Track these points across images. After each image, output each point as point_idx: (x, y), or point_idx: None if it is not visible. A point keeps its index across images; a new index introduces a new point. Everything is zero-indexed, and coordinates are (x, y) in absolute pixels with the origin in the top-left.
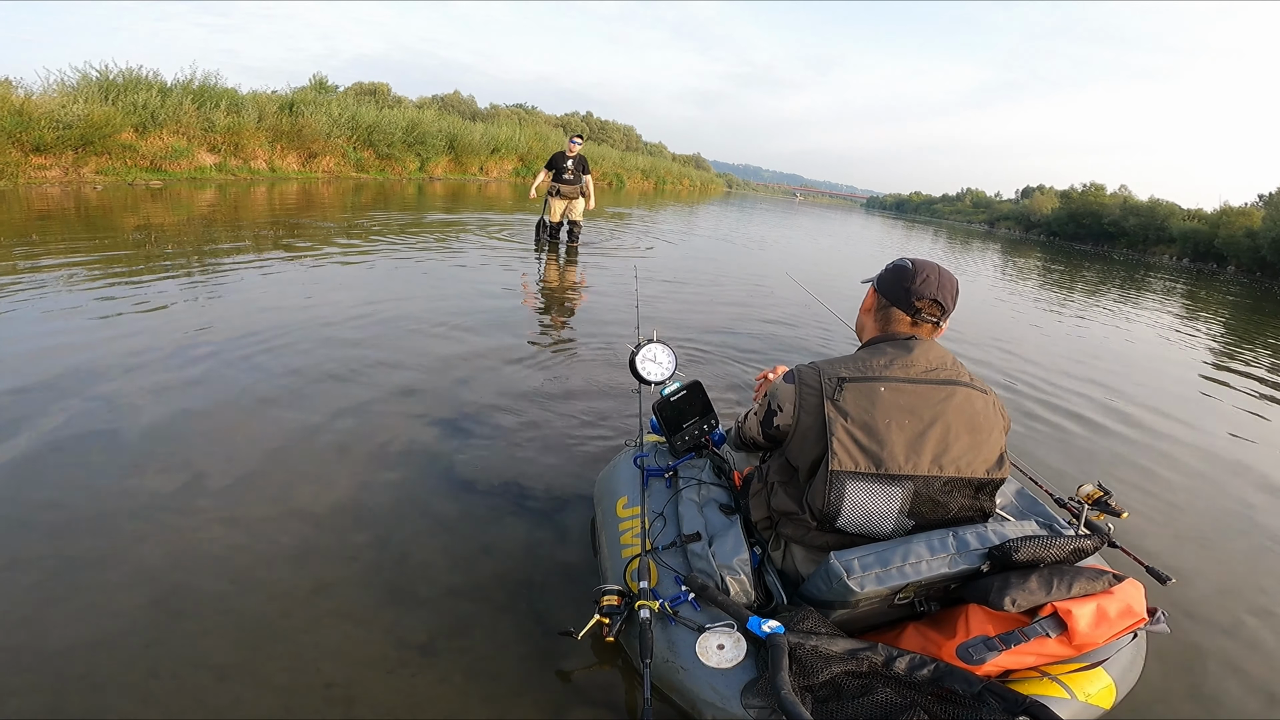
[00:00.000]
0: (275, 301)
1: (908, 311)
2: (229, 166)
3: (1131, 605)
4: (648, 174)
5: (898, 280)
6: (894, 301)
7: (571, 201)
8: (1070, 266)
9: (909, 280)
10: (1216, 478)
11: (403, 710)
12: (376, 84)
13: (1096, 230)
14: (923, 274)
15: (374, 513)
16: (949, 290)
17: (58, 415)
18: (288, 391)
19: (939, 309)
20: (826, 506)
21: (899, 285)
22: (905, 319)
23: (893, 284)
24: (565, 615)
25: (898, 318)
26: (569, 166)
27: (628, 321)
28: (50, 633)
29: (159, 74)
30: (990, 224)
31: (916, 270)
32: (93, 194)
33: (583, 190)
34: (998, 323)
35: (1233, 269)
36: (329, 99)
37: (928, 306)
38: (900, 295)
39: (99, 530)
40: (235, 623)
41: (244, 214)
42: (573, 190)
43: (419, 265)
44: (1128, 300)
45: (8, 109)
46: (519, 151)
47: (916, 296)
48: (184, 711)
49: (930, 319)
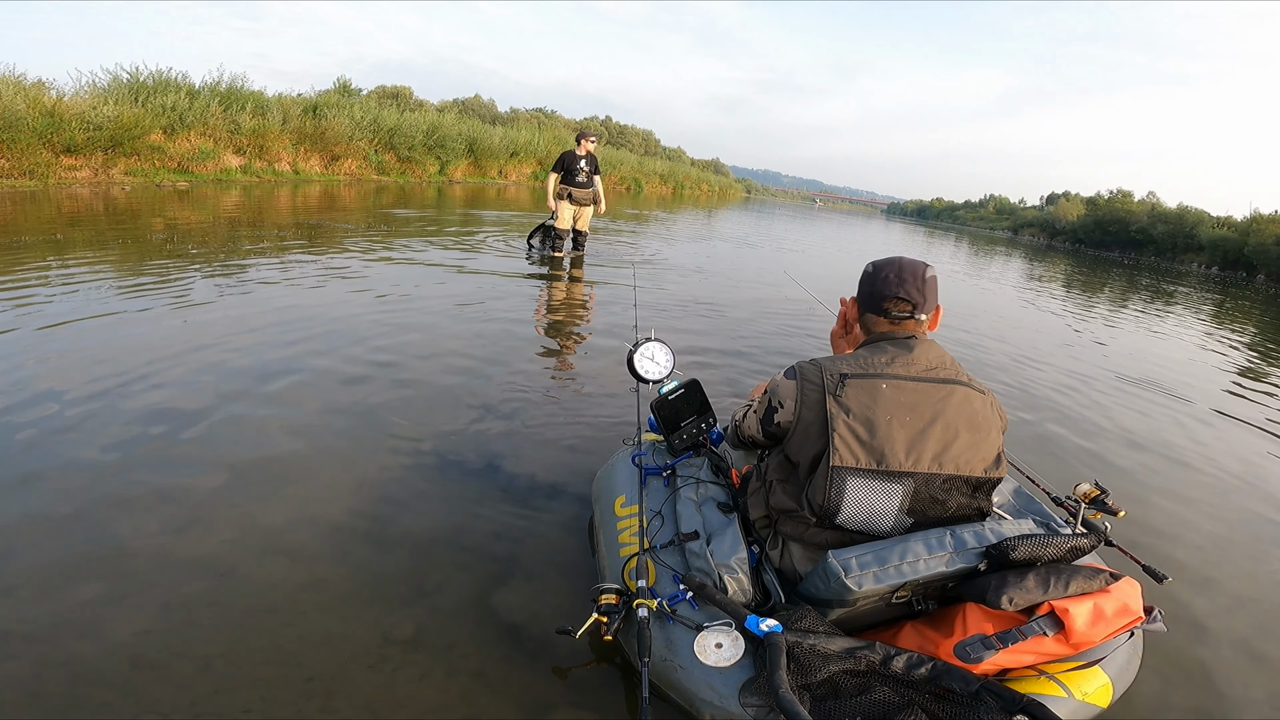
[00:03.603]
0: (278, 300)
1: (880, 314)
2: (254, 168)
3: (1128, 604)
4: (666, 179)
5: (866, 286)
6: (867, 308)
7: (583, 208)
8: (1094, 274)
9: (870, 284)
10: (1216, 477)
11: (382, 706)
12: (398, 87)
13: (1123, 238)
14: (882, 274)
15: (365, 509)
16: (912, 283)
17: (46, 415)
18: (282, 388)
19: (906, 304)
20: (827, 503)
21: (864, 291)
22: (883, 321)
23: (863, 290)
24: (563, 614)
25: (876, 322)
26: (582, 167)
27: (626, 320)
28: (31, 622)
29: (187, 76)
30: (1014, 231)
31: (877, 271)
32: (121, 195)
33: (595, 196)
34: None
35: (1263, 278)
36: (352, 102)
37: (895, 304)
38: (867, 300)
39: (84, 522)
40: (219, 615)
41: (268, 215)
42: (586, 195)
43: (426, 267)
44: (1151, 309)
45: (39, 110)
46: (538, 155)
47: (882, 298)
48: (163, 701)
49: (903, 315)
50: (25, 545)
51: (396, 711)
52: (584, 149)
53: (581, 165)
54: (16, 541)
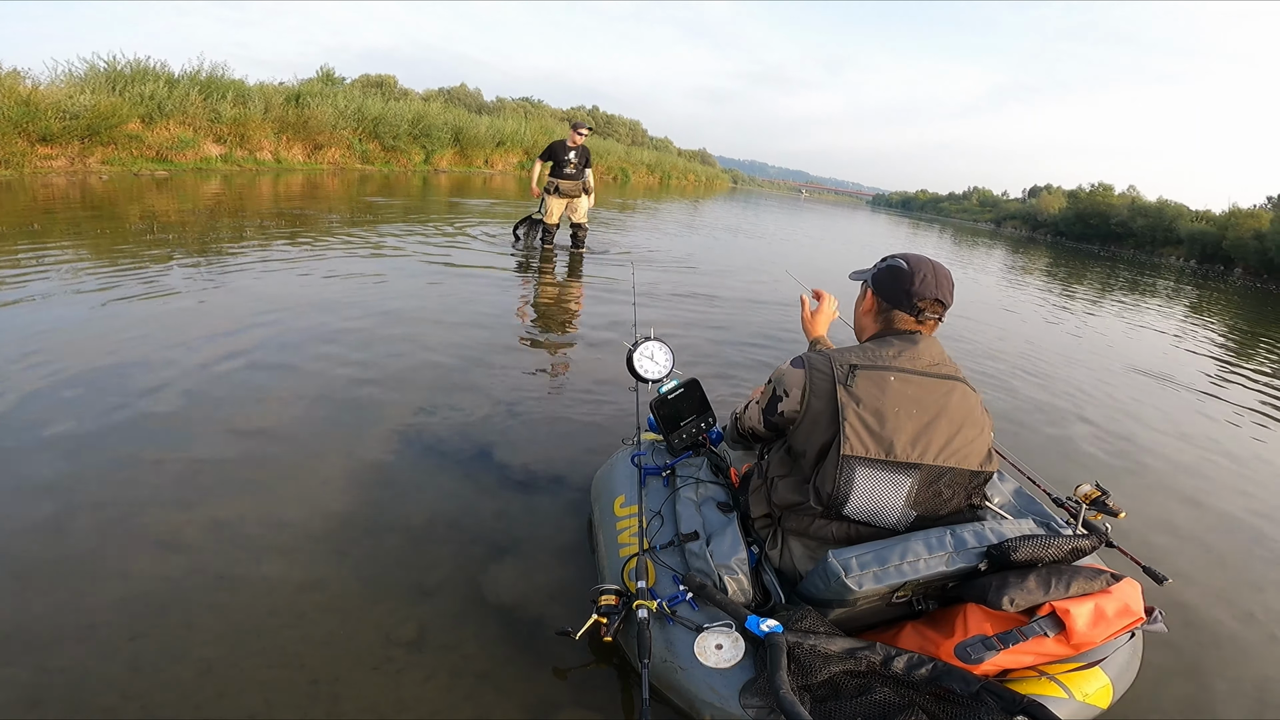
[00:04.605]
0: (274, 291)
1: (910, 313)
2: (234, 157)
3: (1129, 605)
4: (653, 169)
5: (896, 282)
6: (895, 304)
7: (573, 200)
8: (1074, 268)
9: (908, 282)
10: (1216, 478)
11: (387, 707)
12: (383, 76)
13: (1104, 231)
14: (920, 273)
15: (364, 509)
16: (946, 287)
17: (41, 408)
18: (280, 385)
19: (941, 307)
20: (835, 492)
21: (898, 287)
22: (909, 320)
23: (891, 286)
24: (562, 615)
25: (901, 319)
26: (571, 159)
27: (625, 319)
28: (31, 626)
29: (166, 65)
30: (997, 223)
31: (914, 270)
32: (98, 184)
33: (585, 187)
34: (1001, 320)
35: (1240, 271)
36: (335, 91)
37: (930, 306)
38: (901, 297)
39: (85, 524)
40: (220, 617)
41: (249, 204)
42: (574, 187)
43: (420, 260)
44: (1131, 302)
45: (14, 99)
46: (524, 145)
47: (919, 298)
48: (166, 706)
49: (933, 317)
50: (22, 548)
51: (402, 713)
52: (575, 141)
53: (570, 157)
54: (14, 544)
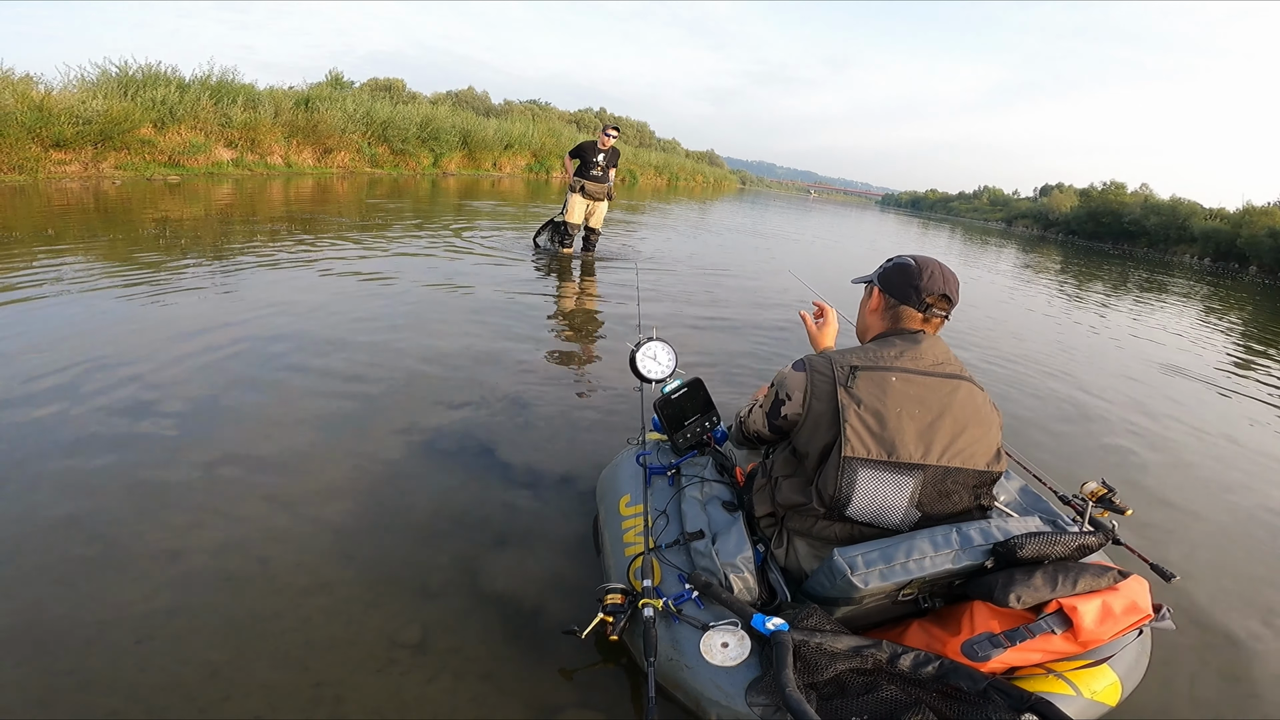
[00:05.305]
0: (282, 295)
1: (919, 309)
2: (245, 162)
3: (1136, 602)
4: (661, 170)
5: (904, 279)
6: (903, 300)
7: (596, 204)
8: (1086, 266)
9: (916, 278)
10: (1225, 474)
11: (391, 709)
12: (391, 80)
13: (1116, 229)
14: (927, 270)
15: (370, 510)
16: (953, 284)
17: (56, 412)
18: (279, 386)
19: (947, 303)
20: (837, 493)
21: (906, 284)
22: (917, 316)
23: (899, 283)
24: (568, 614)
25: (909, 315)
26: (600, 161)
27: (630, 319)
28: (43, 628)
29: (177, 70)
30: (1008, 222)
31: (921, 267)
32: (112, 189)
33: (609, 192)
34: (1011, 318)
35: (1255, 269)
36: (344, 95)
37: (938, 302)
38: (909, 293)
39: (93, 527)
40: (226, 620)
41: (260, 209)
42: (599, 189)
43: (426, 260)
44: (1144, 300)
45: (27, 104)
46: (532, 147)
47: (927, 293)
48: (172, 708)
49: (940, 313)
50: (25, 550)
51: (406, 714)
52: (605, 144)
53: (599, 160)
54: (17, 546)
